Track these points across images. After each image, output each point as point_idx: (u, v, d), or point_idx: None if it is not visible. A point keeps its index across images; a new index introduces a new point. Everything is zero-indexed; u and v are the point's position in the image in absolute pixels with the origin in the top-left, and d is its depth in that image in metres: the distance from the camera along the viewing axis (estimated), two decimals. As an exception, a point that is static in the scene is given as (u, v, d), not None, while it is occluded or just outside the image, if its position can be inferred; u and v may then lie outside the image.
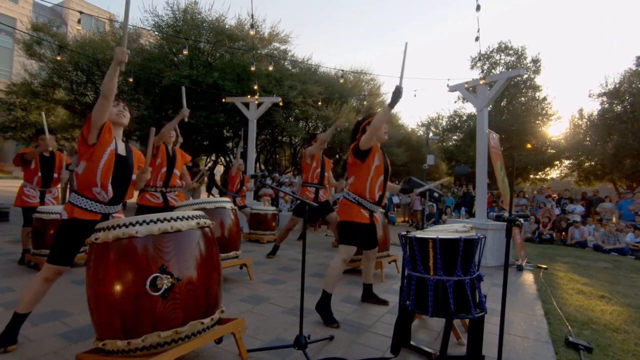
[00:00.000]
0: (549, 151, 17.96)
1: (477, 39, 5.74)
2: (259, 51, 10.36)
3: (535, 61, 18.01)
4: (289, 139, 14.44)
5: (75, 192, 2.23)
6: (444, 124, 21.04)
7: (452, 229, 2.32)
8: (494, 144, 6.01)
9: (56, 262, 2.15)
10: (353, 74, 15.33)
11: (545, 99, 18.23)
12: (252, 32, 8.04)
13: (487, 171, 6.01)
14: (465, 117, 20.03)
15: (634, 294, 4.32)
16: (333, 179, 5.46)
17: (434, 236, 2.09)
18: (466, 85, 6.18)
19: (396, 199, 12.57)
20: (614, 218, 9.60)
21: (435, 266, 2.09)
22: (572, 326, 3.03)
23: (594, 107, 26.06)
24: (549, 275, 5.17)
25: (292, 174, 14.45)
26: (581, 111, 18.27)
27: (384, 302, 3.36)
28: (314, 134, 5.26)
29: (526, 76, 17.89)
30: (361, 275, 3.65)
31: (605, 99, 16.70)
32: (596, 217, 10.24)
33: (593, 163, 17.10)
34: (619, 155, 15.27)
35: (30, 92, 11.35)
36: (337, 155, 13.68)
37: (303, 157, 5.13)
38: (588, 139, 17.29)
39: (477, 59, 18.34)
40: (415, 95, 55.73)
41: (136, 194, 2.85)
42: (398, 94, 2.59)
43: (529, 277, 5.00)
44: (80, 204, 2.18)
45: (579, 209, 9.99)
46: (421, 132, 20.22)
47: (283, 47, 12.01)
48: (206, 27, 10.43)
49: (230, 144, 14.16)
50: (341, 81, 11.31)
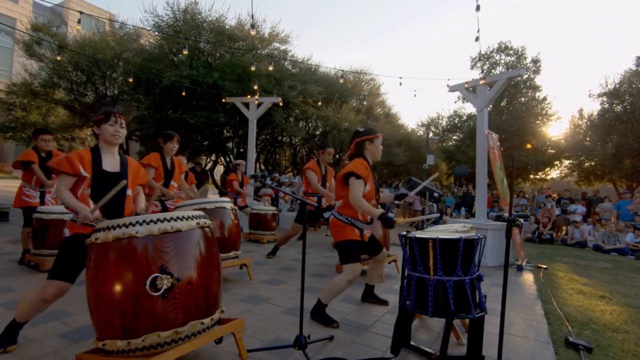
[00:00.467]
0: (549, 151, 17.96)
1: (477, 39, 5.74)
2: (259, 51, 10.36)
3: (535, 61, 18.01)
4: (289, 139, 14.44)
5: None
6: (444, 124, 21.03)
7: (452, 229, 2.32)
8: (492, 144, 6.01)
9: (58, 277, 2.09)
10: (353, 74, 15.33)
11: (545, 99, 18.23)
12: (252, 32, 8.05)
13: (487, 171, 6.01)
14: (465, 117, 20.02)
15: (634, 294, 4.32)
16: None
17: (434, 236, 2.09)
18: (466, 86, 6.18)
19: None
20: (612, 218, 9.61)
21: (435, 266, 2.09)
22: (572, 326, 3.03)
23: (594, 107, 26.09)
24: (549, 275, 5.17)
25: (292, 174, 14.45)
26: (581, 111, 18.28)
27: (384, 302, 3.36)
28: (324, 143, 5.15)
29: (526, 76, 17.89)
30: (364, 275, 3.65)
31: (605, 99, 16.70)
32: (596, 217, 10.24)
33: (593, 163, 17.09)
34: (619, 155, 15.26)
35: (30, 92, 11.34)
36: (337, 155, 13.68)
37: (304, 170, 5.06)
38: (588, 139, 17.29)
39: (477, 59, 18.35)
40: (415, 95, 55.84)
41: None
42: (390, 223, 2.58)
43: (529, 277, 5.00)
44: (79, 221, 2.15)
45: (580, 209, 9.98)
46: (421, 132, 20.21)
47: (283, 47, 12.02)
48: (206, 28, 10.43)
49: (230, 144, 14.16)
50: (341, 81, 11.30)
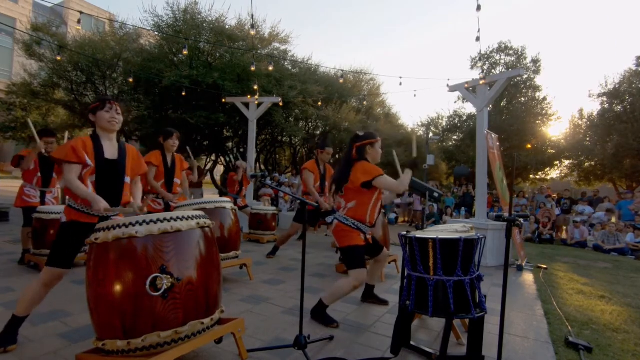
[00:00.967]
0: (549, 151, 17.96)
1: (477, 39, 5.74)
2: (259, 51, 10.37)
3: (535, 61, 18.01)
4: (289, 139, 14.44)
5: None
6: (444, 124, 21.03)
7: (452, 229, 2.32)
8: (492, 144, 6.01)
9: (55, 264, 2.15)
10: (353, 74, 15.33)
11: (545, 99, 18.23)
12: (252, 32, 8.05)
13: (487, 171, 6.00)
14: (465, 117, 20.02)
15: (634, 294, 4.32)
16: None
17: (434, 236, 2.09)
18: (466, 86, 6.18)
19: (397, 199, 12.57)
20: (613, 218, 9.61)
21: (435, 266, 2.09)
22: (572, 326, 3.03)
23: (594, 107, 26.07)
24: (549, 275, 5.17)
25: (292, 174, 14.45)
26: (581, 111, 18.29)
27: (384, 302, 3.36)
28: (324, 143, 5.15)
29: (526, 76, 17.89)
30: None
31: (605, 99, 16.71)
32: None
33: (593, 163, 17.10)
34: (619, 155, 15.27)
35: (30, 92, 11.34)
36: (337, 155, 13.68)
37: (302, 170, 5.06)
38: (588, 139, 17.30)
39: (477, 59, 18.35)
40: (415, 95, 55.82)
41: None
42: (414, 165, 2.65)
43: (529, 277, 5.00)
44: (77, 207, 2.19)
45: (588, 209, 9.96)
46: (421, 132, 20.21)
47: (283, 48, 12.02)
48: (206, 28, 10.43)
49: (230, 144, 14.16)
50: (341, 81, 11.30)
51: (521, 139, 17.31)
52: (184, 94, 9.51)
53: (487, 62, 18.45)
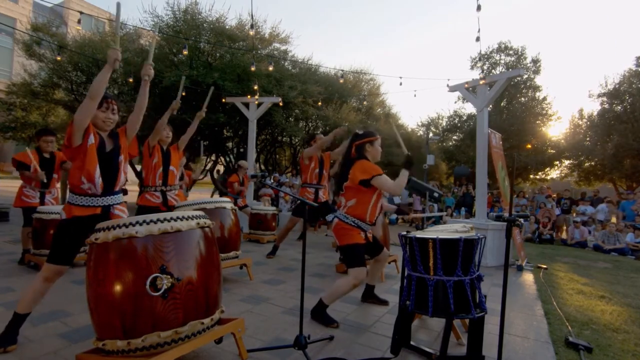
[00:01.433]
0: (549, 151, 17.98)
1: (477, 39, 5.74)
2: (259, 51, 10.37)
3: (535, 61, 18.02)
4: (289, 139, 14.44)
5: (70, 191, 2.24)
6: (444, 124, 21.05)
7: (452, 229, 2.32)
8: (495, 143, 6.01)
9: (56, 261, 2.16)
10: (353, 74, 15.33)
11: (545, 99, 18.25)
12: (252, 33, 8.05)
13: (487, 171, 6.00)
14: (465, 117, 20.04)
15: (634, 294, 4.32)
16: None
17: (434, 236, 2.09)
18: (466, 86, 6.18)
19: (397, 199, 12.57)
20: (613, 218, 9.60)
21: (436, 266, 2.09)
22: (572, 326, 3.03)
23: (594, 107, 26.13)
24: (549, 275, 5.17)
25: (292, 174, 14.45)
26: (581, 111, 18.31)
27: (384, 302, 3.35)
28: (313, 134, 5.20)
29: (526, 76, 17.91)
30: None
31: (605, 99, 16.72)
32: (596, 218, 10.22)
33: (593, 163, 17.11)
34: (619, 155, 15.28)
35: (30, 93, 11.34)
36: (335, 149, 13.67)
37: (301, 158, 5.11)
38: (588, 139, 17.31)
39: (477, 59, 18.36)
40: (415, 95, 55.87)
41: (136, 194, 2.84)
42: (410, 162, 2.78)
43: (529, 277, 5.00)
44: (77, 202, 2.20)
45: (590, 209, 9.96)
46: (421, 132, 20.21)
47: (283, 48, 12.02)
48: (206, 28, 10.42)
49: (230, 144, 14.16)
50: (341, 81, 11.29)
51: (521, 139, 17.31)
52: (184, 94, 9.49)
53: (487, 62, 18.46)
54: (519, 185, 18.91)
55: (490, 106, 7.21)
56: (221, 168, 15.57)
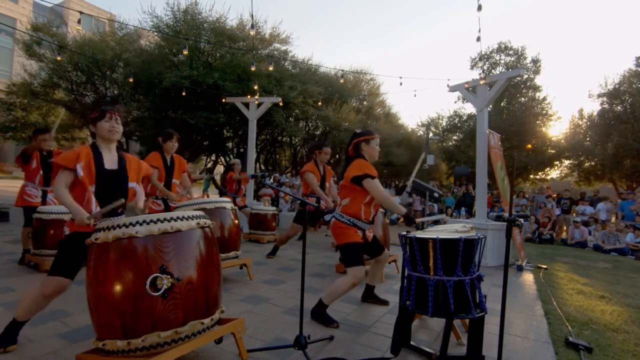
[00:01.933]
0: (549, 151, 17.98)
1: (478, 39, 5.74)
2: (259, 51, 10.37)
3: (535, 61, 18.03)
4: (289, 139, 14.46)
5: None
6: (444, 124, 21.06)
7: (452, 229, 2.32)
8: (494, 144, 6.00)
9: (58, 273, 2.09)
10: (353, 74, 15.34)
11: (545, 99, 18.26)
12: (252, 33, 8.05)
13: (487, 171, 6.01)
14: (465, 117, 20.05)
15: (634, 294, 4.32)
16: (335, 188, 5.14)
17: (434, 236, 2.09)
18: (466, 86, 6.18)
19: (397, 199, 12.57)
20: (613, 218, 9.60)
21: (436, 266, 2.09)
22: (572, 326, 3.03)
23: (594, 107, 26.10)
24: (549, 276, 5.17)
25: (291, 174, 14.45)
26: (581, 111, 18.33)
27: (384, 302, 3.35)
28: (321, 143, 5.09)
29: (526, 76, 17.92)
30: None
31: (605, 99, 16.73)
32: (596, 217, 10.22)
33: (593, 163, 17.12)
34: (619, 156, 15.29)
35: (30, 93, 11.36)
36: (337, 155, 13.68)
37: (302, 174, 5.01)
38: (588, 139, 17.32)
39: (477, 59, 18.37)
40: (415, 95, 55.83)
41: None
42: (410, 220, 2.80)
43: (529, 277, 5.00)
44: None
45: (589, 209, 9.97)
46: (421, 132, 20.22)
47: (284, 48, 12.03)
48: (206, 28, 10.43)
49: (230, 144, 14.16)
50: (341, 81, 11.30)
51: (521, 139, 17.32)
52: (184, 94, 9.51)
53: (487, 62, 18.48)
54: (519, 185, 18.91)
55: (490, 106, 7.21)
56: (221, 168, 15.58)
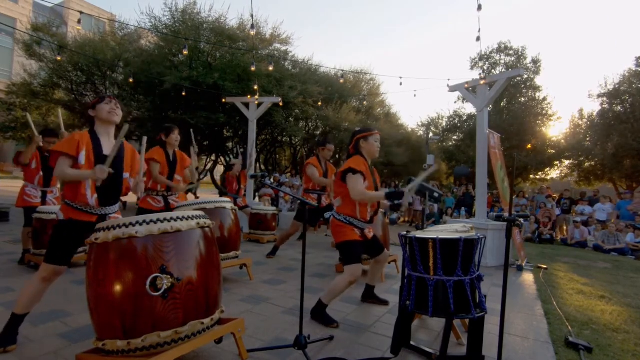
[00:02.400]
0: (549, 151, 17.98)
1: (478, 38, 5.74)
2: (259, 51, 10.36)
3: (535, 61, 18.03)
4: (289, 139, 14.45)
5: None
6: (444, 124, 21.05)
7: (452, 229, 2.32)
8: (494, 144, 6.00)
9: (53, 261, 2.16)
10: (353, 74, 15.34)
11: (545, 99, 18.25)
12: (252, 33, 8.05)
13: (487, 171, 6.01)
14: (465, 118, 20.05)
15: (634, 294, 4.32)
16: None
17: (434, 236, 2.09)
18: (466, 86, 6.18)
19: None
20: (613, 218, 9.60)
21: (436, 266, 2.09)
22: (572, 326, 3.03)
23: (594, 107, 26.12)
24: (549, 276, 5.17)
25: (291, 174, 14.45)
26: (581, 111, 18.32)
27: (384, 302, 3.35)
28: (324, 140, 5.12)
29: (526, 76, 17.91)
30: (364, 275, 3.65)
31: (605, 99, 16.72)
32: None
33: (593, 163, 17.12)
34: (619, 156, 15.28)
35: (30, 93, 11.35)
36: (337, 155, 13.68)
37: (305, 168, 5.03)
38: (588, 139, 17.32)
39: (477, 59, 18.36)
40: (415, 95, 55.89)
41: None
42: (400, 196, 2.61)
43: (529, 277, 5.00)
44: (75, 205, 2.20)
45: (588, 209, 9.98)
46: (421, 132, 20.22)
47: (284, 48, 12.02)
48: (206, 28, 10.42)
49: (231, 144, 14.16)
50: (341, 81, 11.30)
51: (521, 139, 17.32)
52: (184, 94, 9.51)
53: (487, 62, 18.47)
54: (519, 185, 18.91)
55: (490, 106, 7.21)
56: (221, 168, 15.58)
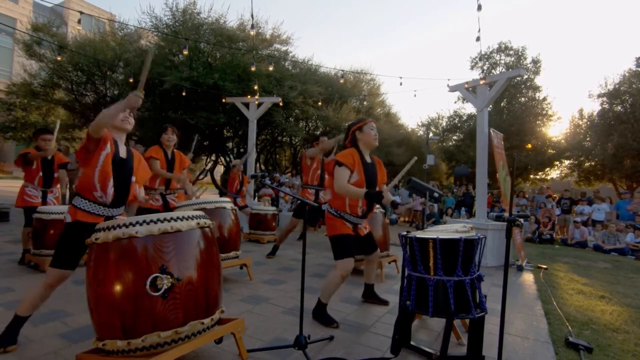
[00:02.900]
0: (549, 151, 17.97)
1: (478, 38, 5.74)
2: (259, 52, 10.36)
3: (535, 61, 18.02)
4: (289, 139, 14.44)
5: (77, 194, 2.23)
6: (444, 124, 21.04)
7: (452, 229, 2.32)
8: (497, 143, 6.00)
9: (60, 265, 2.15)
10: (353, 74, 15.33)
11: (545, 99, 18.25)
12: (252, 33, 8.05)
13: (487, 171, 6.01)
14: (465, 117, 20.04)
15: (634, 294, 4.32)
16: None
17: (434, 236, 2.09)
18: (466, 86, 6.18)
19: (397, 198, 12.57)
20: (613, 218, 9.61)
21: (436, 266, 2.09)
22: (572, 326, 3.03)
23: (594, 107, 26.10)
24: (549, 276, 5.17)
25: (291, 174, 14.46)
26: (581, 111, 18.31)
27: (384, 302, 3.35)
28: (314, 134, 5.23)
29: (526, 76, 17.91)
30: (361, 275, 3.65)
31: (605, 99, 16.72)
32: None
33: (593, 163, 17.12)
34: (619, 156, 15.28)
35: (30, 93, 11.34)
36: (336, 153, 13.66)
37: (303, 158, 5.11)
38: (588, 139, 17.32)
39: (477, 59, 18.36)
40: (415, 95, 55.85)
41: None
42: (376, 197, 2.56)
43: (529, 277, 5.00)
44: (83, 207, 2.19)
45: (587, 209, 9.99)
46: (421, 132, 20.21)
47: (284, 49, 12.01)
48: (206, 28, 10.42)
49: (230, 144, 14.16)
50: (341, 81, 11.29)
51: (521, 139, 17.32)
52: (184, 94, 9.51)
53: (487, 62, 18.47)
54: (519, 185, 18.90)
55: (490, 106, 7.21)
56: (221, 168, 15.58)
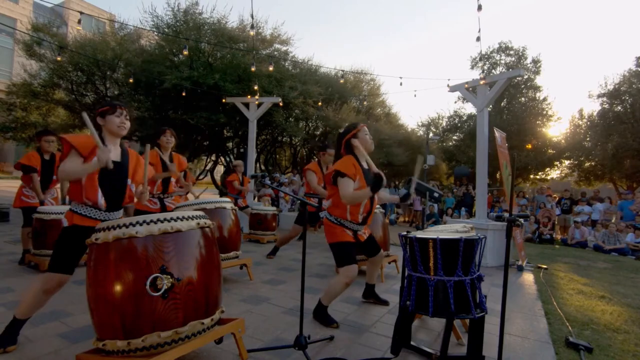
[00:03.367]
0: (549, 151, 17.97)
1: (478, 38, 5.75)
2: (259, 52, 10.37)
3: (536, 62, 18.02)
4: (289, 139, 14.45)
5: (72, 200, 2.23)
6: (444, 124, 21.04)
7: (452, 229, 2.32)
8: (500, 142, 6.00)
9: (58, 269, 2.12)
10: (353, 74, 15.33)
11: (545, 99, 18.25)
12: (252, 33, 8.05)
13: (487, 171, 6.01)
14: (465, 118, 20.04)
15: (634, 294, 4.32)
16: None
17: (435, 236, 2.09)
18: (466, 86, 6.18)
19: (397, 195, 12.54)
20: (613, 218, 9.61)
21: (436, 266, 2.09)
22: (572, 326, 3.03)
23: (594, 107, 26.08)
24: (549, 276, 5.17)
25: (292, 174, 14.46)
26: (581, 111, 18.31)
27: (384, 302, 3.35)
28: (325, 145, 5.07)
29: (526, 76, 17.91)
30: (363, 275, 3.64)
31: (605, 99, 16.72)
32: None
33: (593, 163, 17.13)
34: (619, 156, 15.28)
35: (30, 93, 11.34)
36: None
37: (304, 173, 4.99)
38: (588, 139, 17.31)
39: (478, 59, 18.36)
40: (415, 96, 55.90)
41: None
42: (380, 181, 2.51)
43: (529, 278, 5.00)
44: (80, 211, 2.18)
45: (587, 209, 10.00)
46: (421, 132, 20.21)
47: (284, 49, 12.02)
48: (207, 29, 10.42)
49: (230, 144, 14.17)
50: (341, 81, 11.30)
51: (521, 139, 17.32)
52: (184, 94, 9.52)
53: (488, 62, 18.47)
54: (519, 185, 18.90)
55: (490, 106, 7.21)
56: (221, 168, 15.59)
